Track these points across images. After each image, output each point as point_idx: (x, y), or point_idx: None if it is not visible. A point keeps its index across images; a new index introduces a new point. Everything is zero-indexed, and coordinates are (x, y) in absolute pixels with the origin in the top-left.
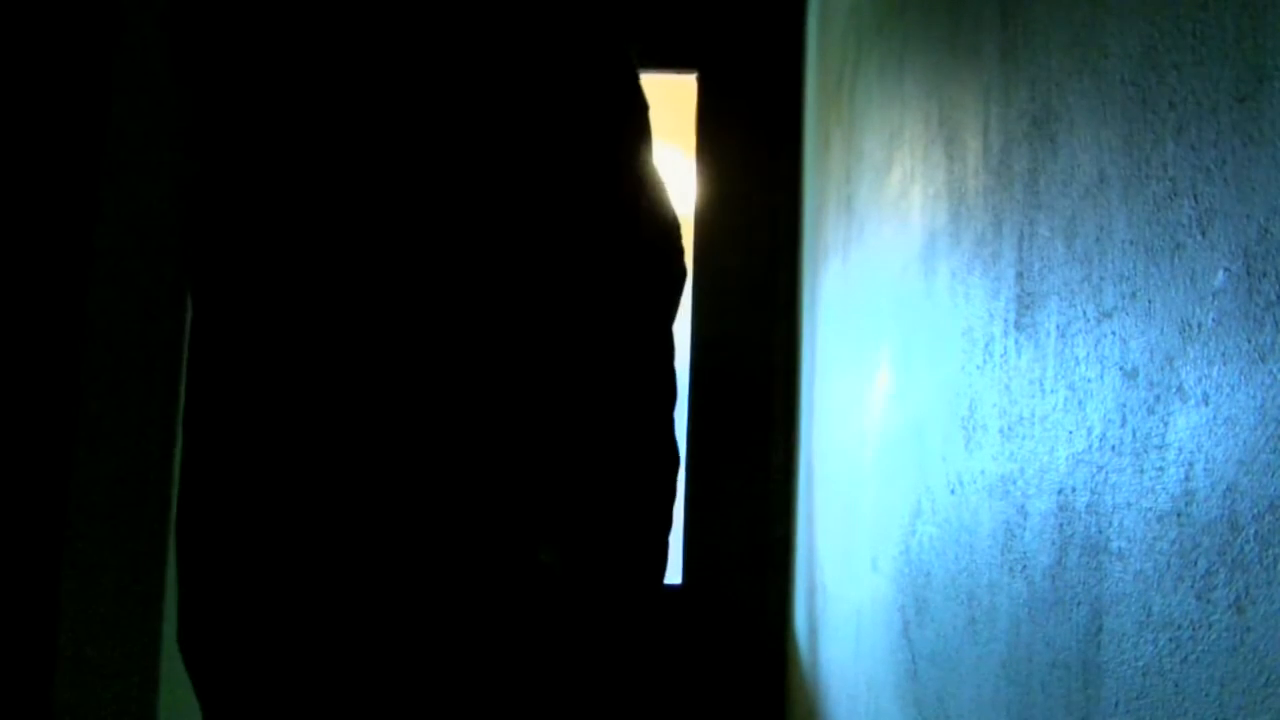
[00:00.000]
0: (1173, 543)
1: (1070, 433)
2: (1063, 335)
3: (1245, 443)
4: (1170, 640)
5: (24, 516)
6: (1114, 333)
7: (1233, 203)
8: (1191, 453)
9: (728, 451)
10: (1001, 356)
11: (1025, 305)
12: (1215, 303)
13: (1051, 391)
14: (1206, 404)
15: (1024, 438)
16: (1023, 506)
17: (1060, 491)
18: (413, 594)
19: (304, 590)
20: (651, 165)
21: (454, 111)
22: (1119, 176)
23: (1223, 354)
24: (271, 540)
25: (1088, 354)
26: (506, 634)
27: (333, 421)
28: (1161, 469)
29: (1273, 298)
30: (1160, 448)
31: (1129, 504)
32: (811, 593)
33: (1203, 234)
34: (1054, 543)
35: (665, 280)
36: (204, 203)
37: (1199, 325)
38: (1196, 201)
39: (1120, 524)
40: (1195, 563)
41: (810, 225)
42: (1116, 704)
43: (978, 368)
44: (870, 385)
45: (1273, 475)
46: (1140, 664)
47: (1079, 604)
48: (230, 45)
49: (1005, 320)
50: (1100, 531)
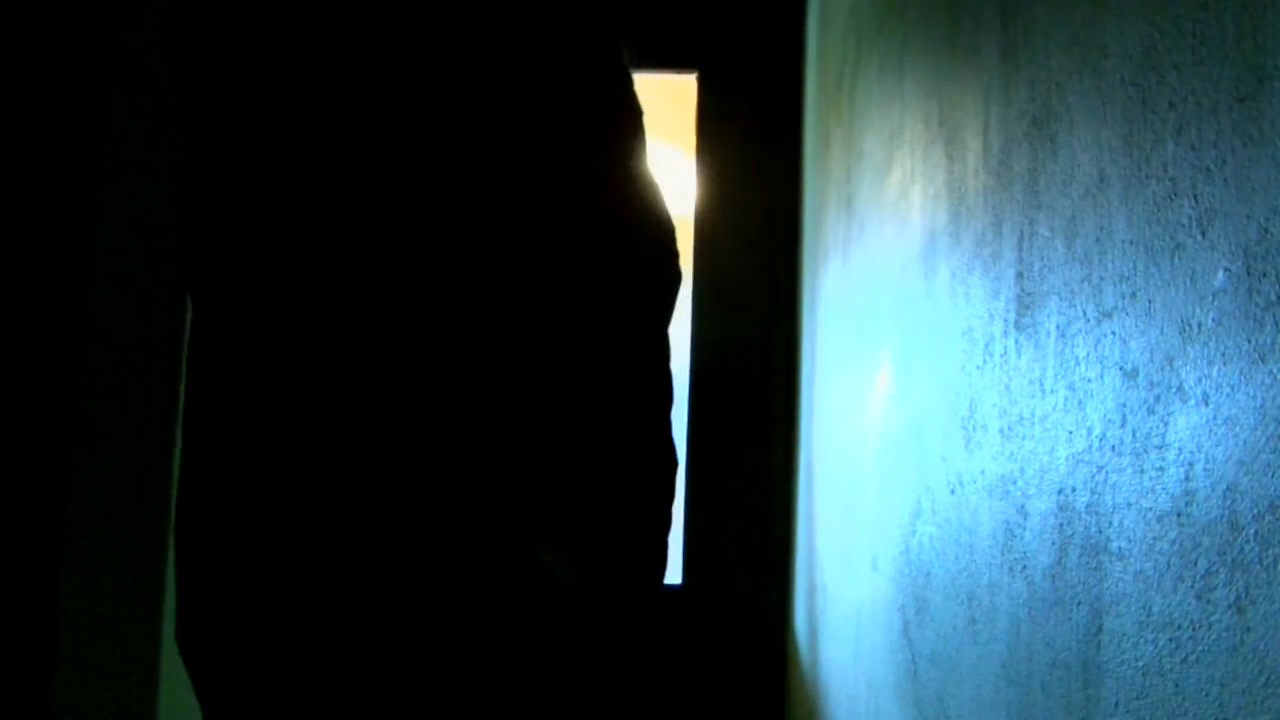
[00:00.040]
0: (1173, 543)
1: (1070, 433)
2: (1063, 335)
3: (1245, 443)
4: (1170, 640)
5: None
6: (1114, 333)
7: (1233, 203)
8: (1191, 453)
9: (728, 451)
10: (1001, 356)
11: (1025, 305)
12: (1215, 303)
13: (1051, 391)
14: (1206, 404)
15: (1024, 438)
16: (1023, 506)
17: (1060, 491)
18: (411, 593)
19: (302, 589)
20: (645, 168)
21: (450, 113)
22: (1119, 176)
23: (1223, 354)
24: (270, 539)
25: (1088, 354)
26: (506, 634)
27: (330, 422)
28: (1161, 469)
29: (1273, 298)
30: (1160, 448)
31: (1129, 504)
32: (811, 593)
33: (1203, 234)
34: (1054, 543)
35: (660, 283)
36: (203, 203)
37: (1199, 325)
38: (1196, 201)
39: (1120, 524)
40: (1195, 563)
41: (810, 225)
42: (1116, 704)
43: (978, 368)
44: (870, 385)
45: (1273, 475)
46: (1140, 664)
47: (1079, 604)
48: (229, 45)
49: (1005, 320)
50: (1100, 531)
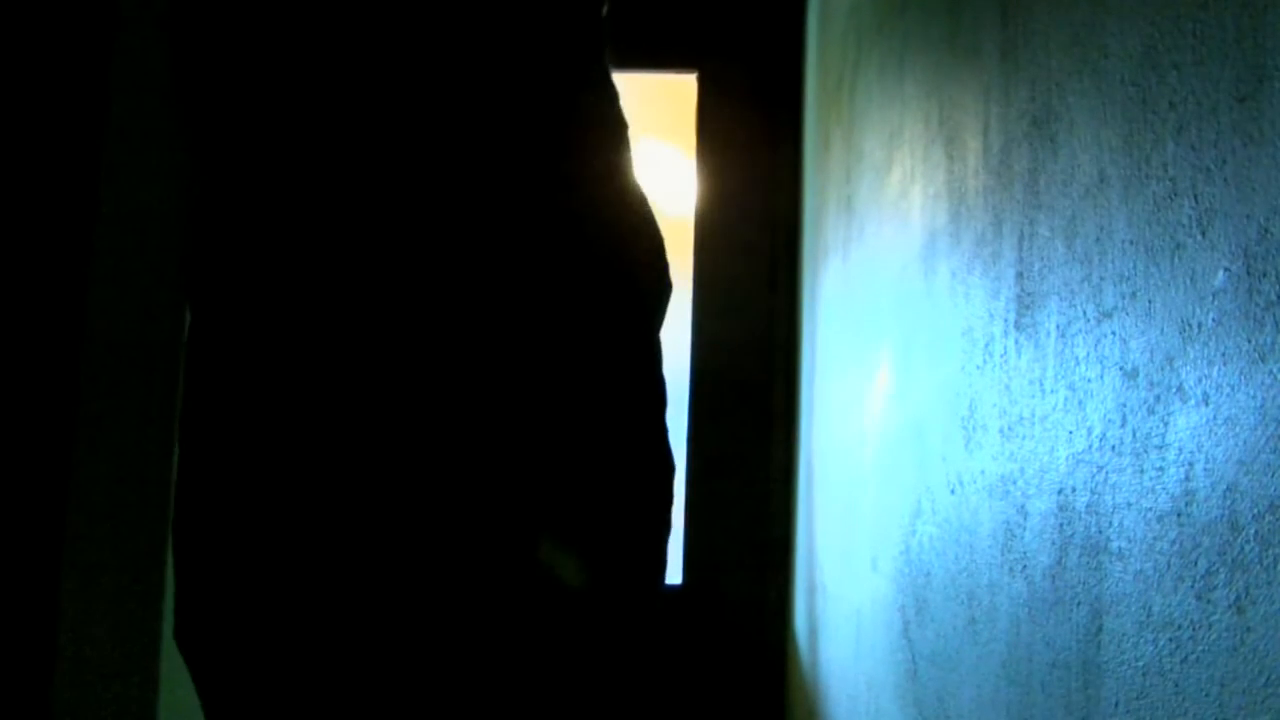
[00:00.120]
0: (1173, 543)
1: (1070, 433)
2: (1063, 335)
3: (1245, 443)
4: (1170, 640)
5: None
6: (1114, 333)
7: (1233, 203)
8: (1191, 453)
9: (728, 451)
10: (1001, 356)
11: (1025, 305)
12: (1215, 303)
13: (1051, 391)
14: (1206, 404)
15: (1024, 438)
16: (1023, 506)
17: (1060, 491)
18: (410, 592)
19: (301, 589)
20: (634, 180)
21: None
22: (1119, 176)
23: (1223, 354)
24: (268, 538)
25: (1088, 354)
26: (505, 635)
27: (326, 424)
28: (1161, 469)
29: (1273, 298)
30: (1160, 448)
31: (1129, 504)
32: (811, 593)
33: (1203, 234)
34: (1054, 543)
35: (650, 293)
36: (202, 204)
37: (1199, 325)
38: (1196, 201)
39: (1120, 524)
40: (1195, 563)
41: (810, 225)
42: (1116, 704)
43: (978, 368)
44: (870, 385)
45: (1273, 475)
46: (1140, 664)
47: (1079, 604)
48: (228, 47)
49: (1005, 320)
50: (1100, 531)
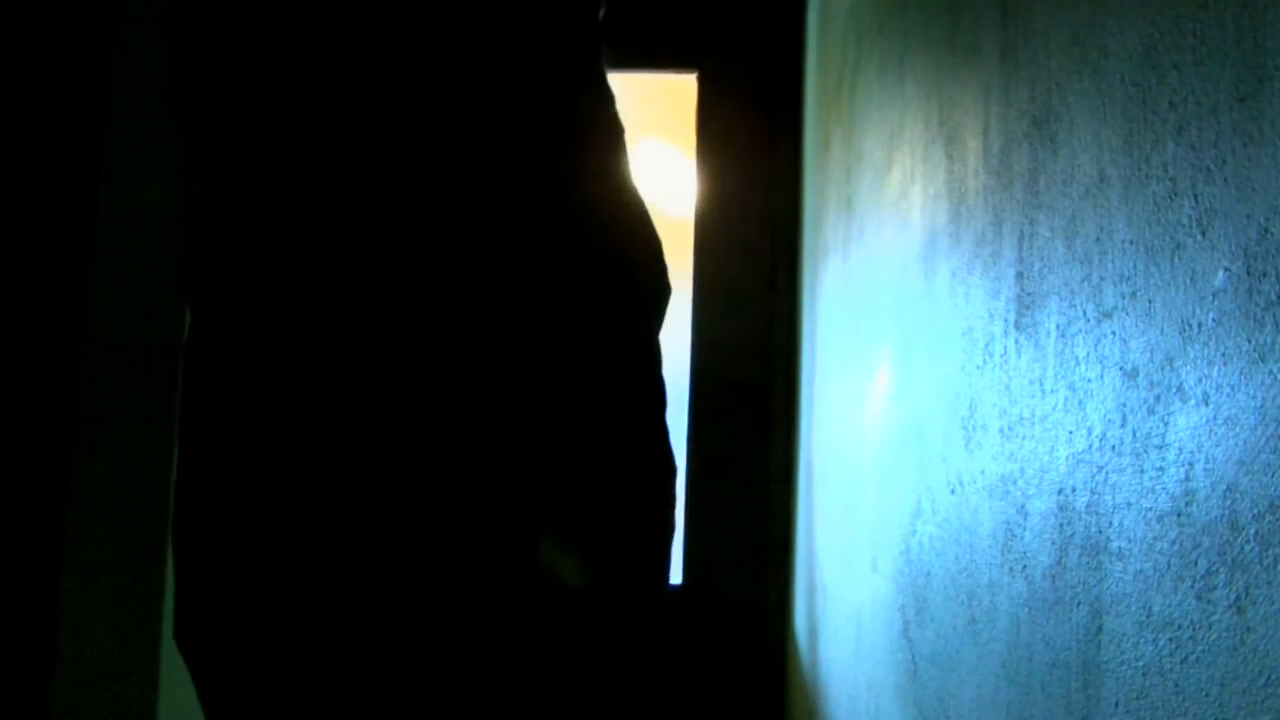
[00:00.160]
0: (1173, 543)
1: (1070, 433)
2: (1063, 335)
3: (1245, 443)
4: (1170, 640)
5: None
6: (1114, 333)
7: (1233, 203)
8: (1191, 453)
9: (728, 451)
10: (1001, 356)
11: (1025, 305)
12: (1215, 303)
13: (1051, 391)
14: (1206, 404)
15: (1024, 438)
16: (1023, 506)
17: (1060, 491)
18: (409, 592)
19: (300, 588)
20: (631, 184)
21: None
22: (1119, 176)
23: (1223, 354)
24: (268, 538)
25: (1088, 354)
26: (506, 635)
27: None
28: (1161, 469)
29: (1273, 298)
30: (1160, 448)
31: (1129, 504)
32: (811, 593)
33: (1203, 234)
34: (1054, 543)
35: (650, 296)
36: (202, 204)
37: (1199, 325)
38: (1196, 201)
39: (1120, 524)
40: (1195, 563)
41: (810, 225)
42: (1116, 704)
43: (978, 368)
44: (870, 385)
45: (1273, 475)
46: (1140, 664)
47: (1079, 604)
48: (228, 47)
49: (1005, 320)
50: (1100, 531)
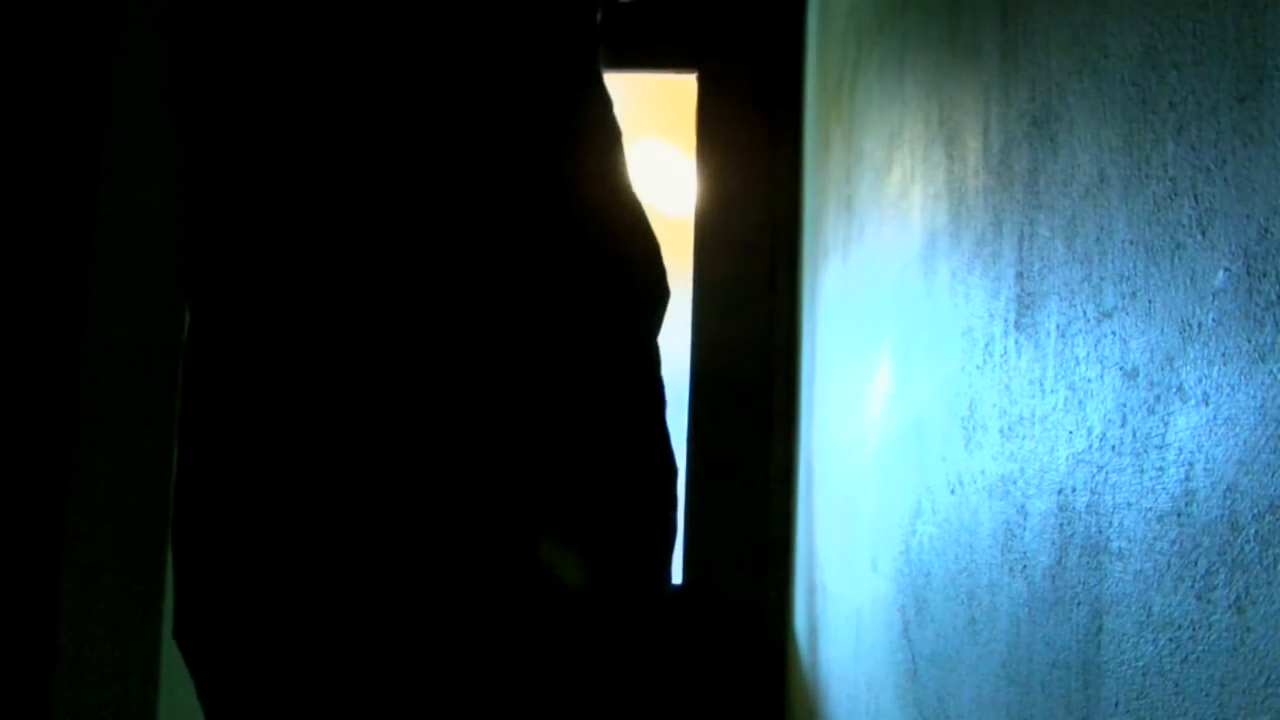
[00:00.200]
0: (1173, 543)
1: (1070, 433)
2: (1063, 335)
3: (1245, 443)
4: (1170, 640)
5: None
6: (1114, 333)
7: (1233, 203)
8: (1191, 453)
9: (728, 451)
10: (1001, 356)
11: (1025, 305)
12: (1215, 303)
13: (1051, 391)
14: (1206, 404)
15: (1024, 438)
16: (1023, 506)
17: (1060, 491)
18: (409, 592)
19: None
20: (629, 187)
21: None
22: (1119, 176)
23: (1223, 354)
24: (268, 538)
25: (1088, 354)
26: (506, 635)
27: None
28: (1161, 469)
29: (1273, 298)
30: (1160, 448)
31: (1129, 504)
32: (811, 593)
33: (1203, 234)
34: (1054, 543)
35: (649, 298)
36: (203, 204)
37: (1199, 325)
38: (1196, 201)
39: (1120, 524)
40: (1195, 563)
41: (810, 225)
42: (1116, 704)
43: (978, 368)
44: (870, 385)
45: (1273, 475)
46: (1140, 664)
47: (1079, 604)
48: (229, 47)
49: (1005, 320)
50: (1100, 531)
